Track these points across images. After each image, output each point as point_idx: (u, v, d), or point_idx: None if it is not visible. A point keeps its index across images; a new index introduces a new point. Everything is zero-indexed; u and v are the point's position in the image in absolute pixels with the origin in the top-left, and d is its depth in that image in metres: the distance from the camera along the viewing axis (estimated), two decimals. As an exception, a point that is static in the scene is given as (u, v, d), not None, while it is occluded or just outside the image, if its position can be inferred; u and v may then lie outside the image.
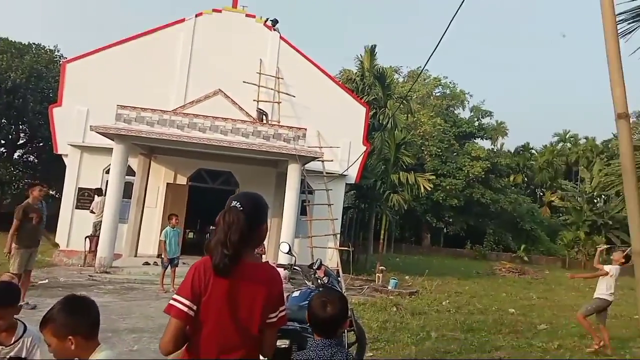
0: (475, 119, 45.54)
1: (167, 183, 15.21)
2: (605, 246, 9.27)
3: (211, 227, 17.64)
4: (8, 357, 2.69)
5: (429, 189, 22.74)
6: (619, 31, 3.48)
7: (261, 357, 2.24)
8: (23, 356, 2.73)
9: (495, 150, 45.28)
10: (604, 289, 8.09)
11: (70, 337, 2.06)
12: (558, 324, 10.29)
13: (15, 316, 2.78)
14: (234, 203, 2.17)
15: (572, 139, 52.82)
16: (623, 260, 8.01)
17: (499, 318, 10.34)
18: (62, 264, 13.64)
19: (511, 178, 44.99)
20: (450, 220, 38.15)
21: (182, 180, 15.49)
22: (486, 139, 46.41)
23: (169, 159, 15.09)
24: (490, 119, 47.76)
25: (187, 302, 2.00)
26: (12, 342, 2.73)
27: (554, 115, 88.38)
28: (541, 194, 50.99)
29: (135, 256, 14.06)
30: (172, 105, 14.50)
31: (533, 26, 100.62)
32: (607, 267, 8.16)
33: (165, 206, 14.70)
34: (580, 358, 7.41)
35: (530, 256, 36.68)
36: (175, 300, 2.02)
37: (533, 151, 50.93)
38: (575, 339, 8.66)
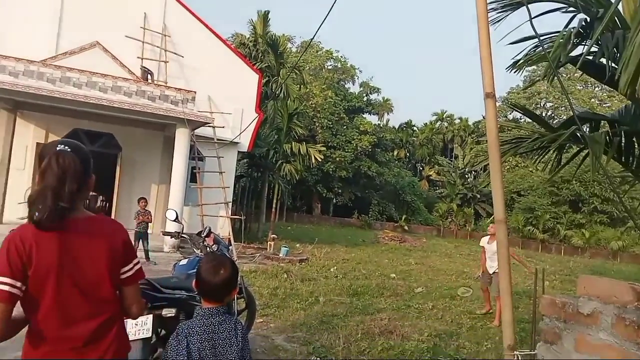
0: (364, 95, 47.21)
1: (37, 142, 13.59)
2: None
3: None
4: None
5: (320, 159, 23.25)
6: (489, 19, 3.72)
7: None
8: None
9: (381, 125, 47.50)
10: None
11: None
12: (433, 286, 11.22)
13: None
14: (61, 147, 1.81)
15: (448, 118, 57.21)
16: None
17: (382, 282, 10.98)
18: None
19: (395, 153, 47.74)
20: (340, 190, 39.56)
21: (55, 140, 13.94)
22: (374, 114, 48.50)
23: (38, 116, 13.46)
24: (378, 95, 49.90)
25: (6, 280, 1.66)
26: None
27: (433, 96, 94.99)
28: (421, 168, 54.93)
29: (1, 223, 12.51)
30: (41, 56, 12.84)
31: (419, 11, 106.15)
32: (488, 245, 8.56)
33: (35, 168, 13.15)
34: (450, 318, 8.14)
35: (410, 225, 39.59)
36: None
37: (415, 128, 54.35)
38: (446, 300, 9.51)
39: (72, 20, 13.67)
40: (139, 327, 3.70)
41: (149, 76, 14.12)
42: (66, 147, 1.82)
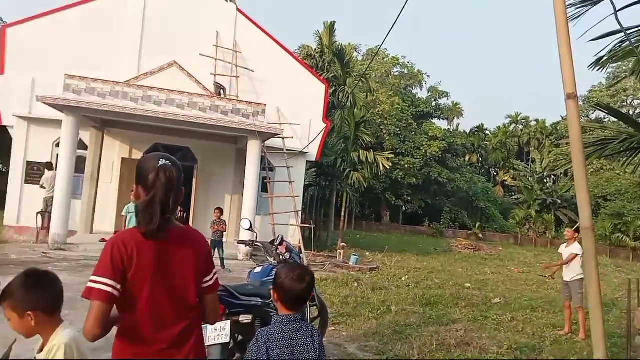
0: (433, 100, 46.25)
1: (122, 158, 14.62)
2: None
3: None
4: None
5: (388, 167, 22.98)
6: (568, 15, 3.52)
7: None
8: None
9: (451, 130, 46.24)
10: (578, 269, 7.54)
11: (29, 312, 1.91)
12: (511, 297, 10.69)
13: None
14: (163, 162, 1.95)
15: (523, 121, 54.61)
16: (576, 235, 7.71)
17: (456, 292, 10.64)
18: (13, 241, 12.96)
19: (467, 158, 46.23)
20: (409, 198, 38.90)
21: (137, 155, 14.91)
22: (443, 119, 47.39)
23: (123, 133, 14.48)
24: (447, 99, 48.69)
25: (108, 282, 1.80)
26: None
27: (506, 99, 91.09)
28: (495, 173, 52.75)
29: (91, 233, 13.54)
30: (124, 77, 13.82)
31: (489, 10, 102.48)
32: (572, 250, 7.65)
33: (121, 182, 14.17)
34: (532, 330, 7.71)
35: (485, 233, 38.07)
36: (93, 282, 1.81)
37: (487, 132, 52.38)
38: (527, 312, 9.03)
39: (151, 43, 14.61)
40: (217, 333, 3.85)
41: (222, 91, 14.74)
42: (167, 162, 1.97)
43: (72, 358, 1.91)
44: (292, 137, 15.12)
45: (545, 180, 44.47)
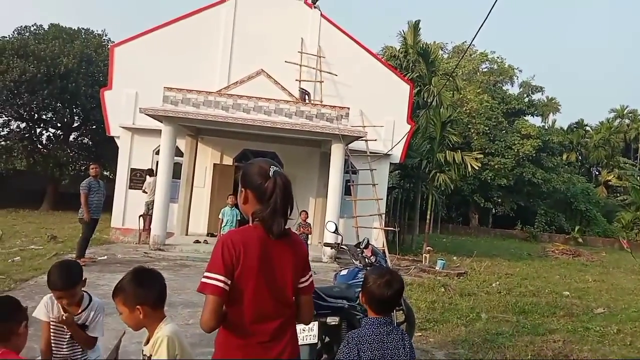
0: (525, 95, 43.67)
1: (214, 163, 15.47)
2: None
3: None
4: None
5: (477, 168, 22.05)
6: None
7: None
8: (87, 324, 2.87)
9: (546, 127, 43.38)
10: None
11: (138, 306, 2.16)
12: (616, 308, 9.82)
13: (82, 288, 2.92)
14: (274, 168, 2.10)
15: (630, 114, 49.81)
16: None
17: (553, 301, 9.97)
18: (119, 241, 14.24)
19: (564, 156, 43.07)
20: (499, 200, 37.00)
21: (228, 160, 15.72)
22: (537, 116, 44.47)
23: (215, 140, 15.32)
24: (542, 94, 45.74)
25: (221, 278, 1.96)
26: (79, 312, 2.87)
27: (609, 91, 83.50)
28: (597, 172, 48.64)
29: (187, 234, 14.47)
30: (216, 86, 14.64)
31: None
32: None
33: (213, 186, 15.00)
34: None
35: (586, 237, 35.20)
36: (207, 277, 1.98)
37: (588, 128, 48.44)
38: (636, 324, 8.22)
39: (240, 53, 15.35)
40: (306, 333, 3.94)
41: (307, 96, 15.07)
42: (278, 168, 2.12)
43: (174, 349, 2.09)
44: (376, 140, 15.05)
45: (657, 180, 40.18)
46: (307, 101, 14.72)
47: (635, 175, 40.07)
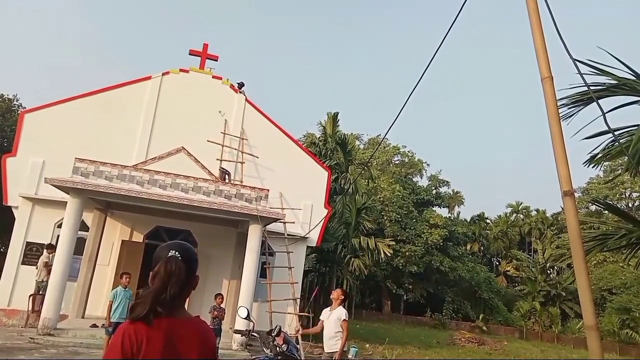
0: (433, 188, 46.97)
1: (122, 240, 14.61)
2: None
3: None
4: None
5: (389, 254, 22.86)
6: (560, 115, 3.75)
7: None
8: None
9: (452, 218, 46.41)
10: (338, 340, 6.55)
11: None
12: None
13: None
14: (172, 252, 2.04)
15: (524, 210, 54.96)
16: (342, 297, 6.74)
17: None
18: (1, 325, 12.59)
19: (468, 246, 45.89)
20: (410, 287, 38.07)
21: (138, 237, 14.94)
22: (443, 207, 47.74)
23: (126, 215, 14.60)
24: (447, 188, 49.44)
25: None
26: None
27: (506, 187, 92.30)
28: (497, 263, 52.09)
29: (83, 317, 13.15)
30: (134, 161, 14.25)
31: (486, 108, 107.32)
32: (331, 311, 6.65)
33: (119, 264, 14.02)
34: None
35: (489, 326, 36.78)
36: None
37: (488, 221, 52.49)
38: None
39: (161, 130, 15.27)
40: None
41: (227, 176, 15.08)
42: (176, 253, 2.05)
43: None
44: (294, 222, 15.18)
45: (548, 272, 43.82)
46: (227, 181, 14.71)
47: (529, 267, 43.43)
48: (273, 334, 5.40)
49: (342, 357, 6.60)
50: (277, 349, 5.08)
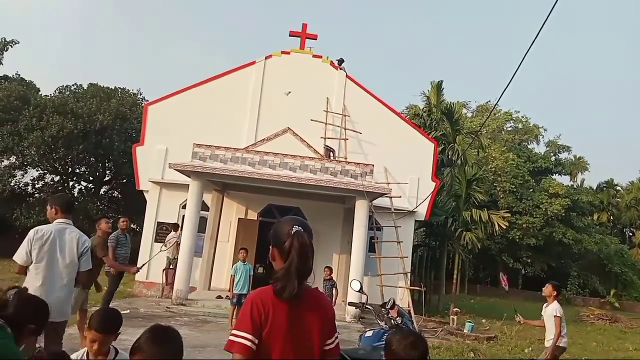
0: (552, 154, 43.32)
1: (239, 218, 15.59)
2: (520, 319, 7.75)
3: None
4: None
5: (504, 226, 21.72)
6: None
7: None
8: None
9: (575, 186, 42.55)
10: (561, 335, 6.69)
11: None
12: (662, 380, 9.14)
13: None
14: (296, 228, 2.08)
15: (663, 173, 48.63)
16: (555, 293, 6.92)
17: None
18: (142, 295, 14.22)
19: (595, 216, 41.85)
20: (529, 260, 35.85)
21: (252, 215, 15.83)
22: (564, 175, 43.83)
23: (240, 195, 15.52)
24: (568, 154, 45.30)
25: (248, 336, 1.94)
26: None
27: (638, 150, 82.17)
28: (630, 233, 46.92)
29: (209, 289, 14.37)
30: (244, 143, 15.02)
31: (611, 59, 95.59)
32: (553, 310, 6.76)
33: (237, 240, 15.02)
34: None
35: (622, 302, 33.49)
36: (235, 335, 1.95)
37: (618, 187, 47.29)
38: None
39: (268, 112, 15.88)
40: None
41: (331, 154, 15.29)
42: (300, 228, 2.10)
43: None
44: (400, 197, 14.99)
45: (695, 242, 38.52)
46: (332, 158, 14.91)
47: (672, 237, 38.51)
48: (387, 307, 5.39)
49: (554, 356, 6.73)
50: (392, 321, 5.06)
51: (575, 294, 34.52)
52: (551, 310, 6.65)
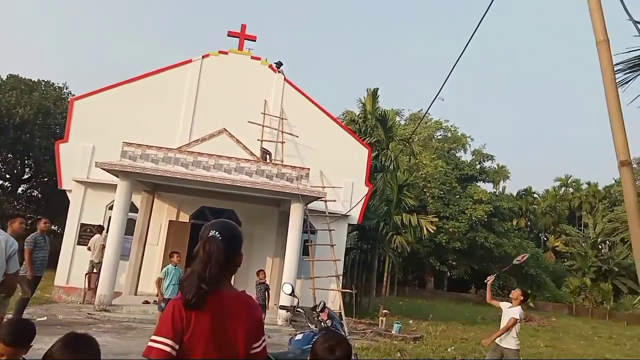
0: (477, 162, 45.80)
1: (170, 220, 15.13)
2: (493, 277, 8.43)
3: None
4: None
5: (432, 231, 22.60)
6: (617, 80, 3.53)
7: None
8: None
9: (497, 193, 45.25)
10: (515, 336, 6.97)
11: None
12: (568, 373, 9.94)
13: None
14: (212, 232, 2.08)
15: (574, 184, 52.95)
16: (522, 298, 7.19)
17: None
18: (62, 301, 13.41)
19: (514, 222, 44.75)
20: (454, 263, 37.65)
21: (184, 217, 15.42)
22: (488, 182, 46.54)
23: (172, 196, 15.07)
24: (492, 162, 48.10)
25: (168, 342, 1.90)
26: None
27: (554, 161, 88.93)
28: (545, 238, 50.63)
29: (136, 294, 13.80)
30: (177, 144, 14.62)
31: (534, 75, 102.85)
32: (514, 314, 7.01)
33: (167, 243, 14.56)
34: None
35: (536, 302, 35.97)
36: (154, 341, 1.91)
37: (535, 195, 50.89)
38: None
39: (203, 112, 15.56)
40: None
41: (268, 156, 15.25)
42: (217, 233, 2.09)
43: None
44: (335, 200, 15.24)
45: (600, 246, 42.16)
46: (268, 161, 14.86)
47: (580, 242, 41.94)
48: (317, 310, 5.48)
49: (505, 354, 6.97)
50: (322, 324, 5.15)
51: (495, 295, 36.52)
52: (514, 312, 7.05)
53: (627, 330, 24.18)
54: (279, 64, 16.69)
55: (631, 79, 5.08)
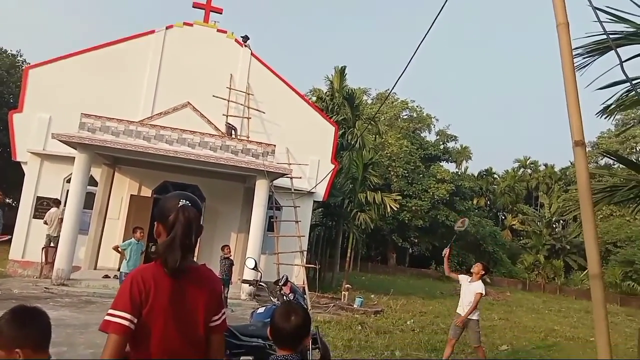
0: (441, 143, 46.63)
1: (131, 195, 14.79)
2: (448, 249, 8.55)
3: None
4: None
5: (395, 208, 22.99)
6: (575, 64, 3.64)
7: None
8: None
9: (459, 173, 46.34)
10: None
11: (17, 349, 1.89)
12: (518, 345, 10.46)
13: None
14: (182, 202, 2.04)
15: (532, 165, 54.72)
16: (483, 272, 7.41)
17: (462, 338, 10.40)
18: (17, 275, 13.02)
19: (475, 201, 46.06)
20: (416, 240, 38.56)
21: (146, 192, 15.12)
22: (451, 162, 47.59)
23: (133, 170, 14.71)
24: (455, 143, 49.07)
25: (126, 316, 1.86)
26: None
27: (515, 143, 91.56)
28: (503, 217, 52.38)
29: (95, 269, 13.54)
30: (139, 117, 14.21)
31: (495, 56, 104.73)
32: (477, 288, 7.34)
33: (128, 218, 14.27)
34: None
35: (492, 278, 37.43)
36: (112, 315, 1.86)
37: (495, 176, 52.40)
38: (535, 360, 8.80)
39: (167, 85, 15.11)
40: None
41: (233, 132, 15.04)
42: (187, 202, 2.06)
43: None
44: (300, 177, 15.26)
45: (554, 225, 44.11)
46: (233, 136, 14.67)
47: (535, 221, 43.69)
48: (280, 284, 5.54)
49: (466, 324, 7.40)
50: (284, 297, 5.22)
51: (454, 271, 37.75)
52: (477, 286, 7.30)
53: (574, 304, 25.57)
54: (246, 38, 16.34)
55: (589, 64, 5.25)
